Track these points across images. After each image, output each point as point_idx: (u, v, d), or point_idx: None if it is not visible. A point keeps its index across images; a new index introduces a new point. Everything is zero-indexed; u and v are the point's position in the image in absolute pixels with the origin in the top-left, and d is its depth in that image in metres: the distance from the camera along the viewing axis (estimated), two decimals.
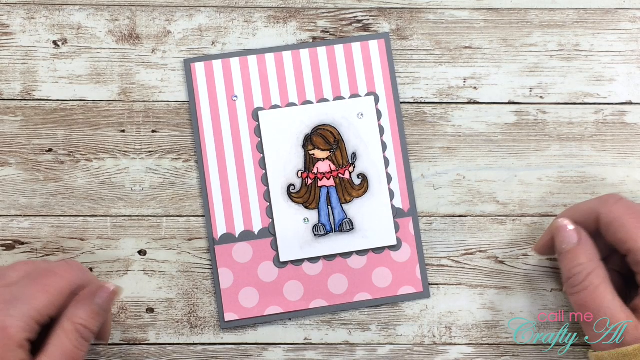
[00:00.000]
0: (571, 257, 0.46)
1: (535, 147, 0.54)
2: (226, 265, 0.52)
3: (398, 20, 0.55)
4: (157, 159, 0.54)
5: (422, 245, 0.53)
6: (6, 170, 0.53)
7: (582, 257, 0.46)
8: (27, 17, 0.54)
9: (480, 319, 0.53)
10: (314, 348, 0.52)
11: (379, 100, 0.54)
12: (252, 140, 0.53)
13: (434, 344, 0.53)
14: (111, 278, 0.52)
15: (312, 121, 0.53)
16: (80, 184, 0.53)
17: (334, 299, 0.52)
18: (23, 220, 0.53)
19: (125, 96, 0.54)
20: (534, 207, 0.54)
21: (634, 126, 0.54)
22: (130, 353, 0.52)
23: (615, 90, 0.55)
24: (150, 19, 0.55)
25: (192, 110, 0.54)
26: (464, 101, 0.54)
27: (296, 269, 0.52)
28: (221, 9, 0.55)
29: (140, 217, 0.53)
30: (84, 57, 0.54)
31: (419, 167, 0.54)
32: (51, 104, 0.54)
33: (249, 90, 0.54)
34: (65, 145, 0.54)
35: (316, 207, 0.53)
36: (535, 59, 0.55)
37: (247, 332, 0.53)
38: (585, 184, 0.54)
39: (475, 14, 0.55)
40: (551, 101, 0.55)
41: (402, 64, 0.55)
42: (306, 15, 0.55)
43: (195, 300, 0.52)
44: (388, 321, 0.53)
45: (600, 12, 0.55)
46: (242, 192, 0.53)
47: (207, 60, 0.54)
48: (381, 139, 0.54)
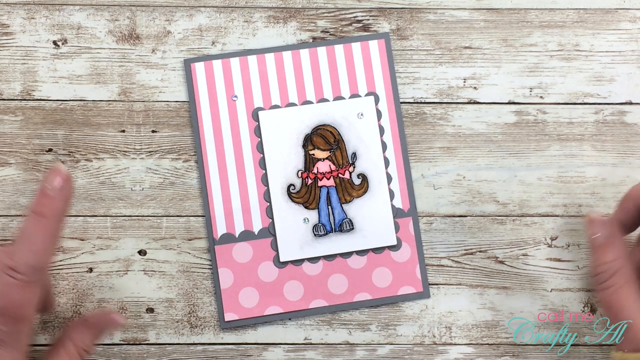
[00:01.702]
0: (599, 254, 0.46)
1: (535, 147, 0.54)
2: (226, 265, 0.52)
3: (398, 20, 0.55)
4: (157, 159, 0.54)
5: (422, 245, 0.53)
6: (6, 170, 0.53)
7: (609, 255, 0.45)
8: (27, 17, 0.54)
9: (480, 319, 0.53)
10: (314, 348, 0.52)
11: (379, 100, 0.54)
12: (252, 140, 0.53)
13: (434, 344, 0.53)
14: (111, 278, 0.52)
15: (312, 121, 0.53)
16: (80, 184, 0.53)
17: (334, 299, 0.52)
18: (23, 220, 0.53)
19: (125, 96, 0.54)
20: (534, 207, 0.54)
21: (634, 126, 0.54)
22: (130, 353, 0.52)
23: (615, 90, 0.55)
24: (150, 19, 0.55)
25: (192, 110, 0.54)
26: (464, 101, 0.54)
27: (296, 269, 0.52)
28: (221, 9, 0.55)
29: (140, 217, 0.53)
30: (84, 57, 0.54)
31: (419, 167, 0.54)
32: (51, 104, 0.54)
33: (249, 90, 0.54)
34: (65, 145, 0.54)
35: (316, 207, 0.53)
36: (535, 59, 0.55)
37: (247, 332, 0.53)
38: (585, 184, 0.54)
39: (475, 14, 0.55)
40: (551, 101, 0.55)
41: (402, 64, 0.55)
42: (306, 15, 0.55)
43: (195, 300, 0.52)
44: (388, 321, 0.53)
45: (600, 12, 0.55)
46: (242, 192, 0.53)
47: (207, 60, 0.54)
48: (381, 139, 0.54)
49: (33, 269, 0.39)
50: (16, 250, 0.39)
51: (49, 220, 0.39)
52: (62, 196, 0.40)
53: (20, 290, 0.39)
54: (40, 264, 0.39)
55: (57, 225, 0.40)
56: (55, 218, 0.39)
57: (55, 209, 0.39)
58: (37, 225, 0.39)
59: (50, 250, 0.40)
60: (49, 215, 0.39)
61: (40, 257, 0.39)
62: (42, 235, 0.39)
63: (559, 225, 0.54)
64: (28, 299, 0.39)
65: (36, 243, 0.39)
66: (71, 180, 0.40)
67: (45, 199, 0.39)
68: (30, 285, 0.39)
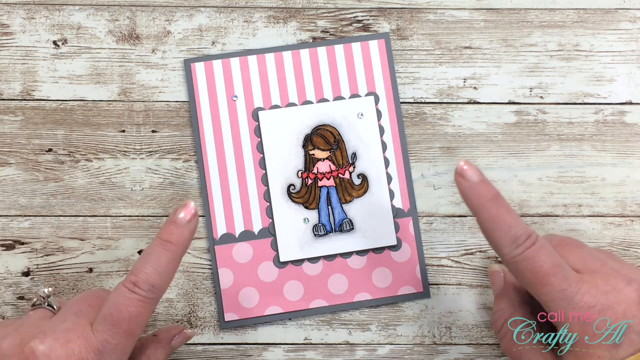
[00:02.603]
0: (495, 302, 0.47)
1: (535, 147, 0.54)
2: (226, 265, 0.52)
3: (398, 20, 0.55)
4: (157, 159, 0.54)
5: (422, 245, 0.53)
6: (6, 170, 0.53)
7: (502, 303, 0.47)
8: (27, 17, 0.54)
9: (480, 319, 0.53)
10: (314, 348, 0.52)
11: (379, 100, 0.54)
12: (252, 140, 0.53)
13: (434, 344, 0.53)
14: (111, 278, 0.52)
15: (312, 121, 0.53)
16: (80, 184, 0.53)
17: (334, 299, 0.52)
18: (23, 220, 0.53)
19: (125, 96, 0.54)
20: (534, 207, 0.54)
21: (634, 126, 0.54)
22: None
23: (615, 90, 0.55)
24: (150, 19, 0.55)
25: (192, 110, 0.54)
26: (464, 101, 0.54)
27: (296, 269, 0.52)
28: (221, 9, 0.55)
29: (140, 217, 0.53)
30: (84, 57, 0.54)
31: (419, 167, 0.54)
32: (51, 104, 0.54)
33: (249, 90, 0.54)
34: (65, 145, 0.54)
35: (316, 207, 0.53)
36: (535, 59, 0.55)
37: (247, 332, 0.53)
38: (585, 184, 0.54)
39: (475, 14, 0.55)
40: (551, 101, 0.55)
41: (402, 64, 0.55)
42: (306, 15, 0.55)
43: (195, 300, 0.53)
44: (388, 321, 0.53)
45: (600, 12, 0.55)
46: (242, 192, 0.53)
47: (207, 60, 0.54)
48: (381, 139, 0.54)
49: (154, 288, 0.41)
50: (141, 268, 0.41)
51: (175, 247, 0.42)
52: (189, 228, 0.42)
53: (137, 305, 0.41)
54: (161, 285, 0.42)
55: (181, 253, 0.42)
56: (181, 246, 0.42)
57: (181, 238, 0.42)
58: (163, 250, 0.42)
59: (171, 275, 0.42)
60: (176, 243, 0.42)
61: (162, 279, 0.42)
62: (166, 259, 0.42)
63: (559, 225, 0.54)
64: (142, 315, 0.41)
65: (161, 265, 0.41)
66: (197, 217, 0.43)
67: (174, 227, 0.42)
68: (148, 302, 0.41)
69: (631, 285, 0.42)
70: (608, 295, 0.42)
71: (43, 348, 0.40)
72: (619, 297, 0.42)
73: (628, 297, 0.42)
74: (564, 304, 0.42)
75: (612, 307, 0.41)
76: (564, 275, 0.42)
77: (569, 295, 0.41)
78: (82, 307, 0.43)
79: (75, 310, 0.43)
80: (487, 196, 0.42)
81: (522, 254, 0.42)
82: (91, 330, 0.41)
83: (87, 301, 0.44)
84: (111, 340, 0.41)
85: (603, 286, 0.42)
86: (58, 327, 0.41)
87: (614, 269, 0.43)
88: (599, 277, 0.42)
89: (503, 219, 0.42)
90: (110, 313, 0.41)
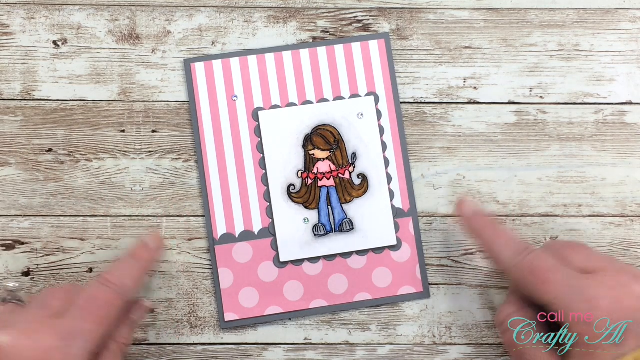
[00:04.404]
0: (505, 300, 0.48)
1: (535, 147, 0.54)
2: (226, 265, 0.52)
3: (398, 20, 0.55)
4: (157, 159, 0.54)
5: (422, 245, 0.53)
6: (6, 170, 0.53)
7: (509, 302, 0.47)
8: (27, 17, 0.54)
9: (480, 319, 0.53)
10: (314, 348, 0.52)
11: (379, 100, 0.54)
12: (252, 140, 0.53)
13: (434, 344, 0.53)
14: None
15: (312, 121, 0.53)
16: (80, 184, 0.53)
17: (334, 299, 0.52)
18: (23, 220, 0.53)
19: (125, 96, 0.54)
20: (534, 207, 0.54)
21: (634, 126, 0.54)
22: (130, 353, 0.52)
23: (615, 90, 0.55)
24: (150, 19, 0.55)
25: (192, 110, 0.54)
26: (464, 101, 0.54)
27: (296, 269, 0.52)
28: (221, 9, 0.55)
29: (140, 217, 0.53)
30: (84, 57, 0.54)
31: (419, 167, 0.54)
32: (51, 104, 0.54)
33: (249, 90, 0.54)
34: (65, 145, 0.54)
35: (316, 207, 0.53)
36: (535, 59, 0.55)
37: (247, 332, 0.53)
38: (585, 184, 0.54)
39: (475, 14, 0.55)
40: (551, 101, 0.55)
41: (402, 64, 0.55)
42: (306, 15, 0.55)
43: (195, 300, 0.53)
44: (388, 321, 0.53)
45: (600, 12, 0.55)
46: (242, 192, 0.53)
47: (207, 60, 0.54)
48: (381, 139, 0.54)
49: (124, 287, 0.46)
50: (113, 270, 0.47)
51: (143, 262, 0.48)
52: (156, 251, 0.50)
53: (108, 294, 0.45)
54: (130, 286, 0.47)
55: (147, 268, 0.49)
56: (147, 263, 0.49)
57: (149, 256, 0.49)
58: (133, 262, 0.48)
59: (138, 283, 0.48)
60: (143, 260, 0.49)
61: (131, 283, 0.47)
62: (136, 269, 0.48)
63: (559, 225, 0.54)
64: (112, 305, 0.45)
65: (131, 270, 0.47)
66: (163, 247, 0.52)
67: (144, 248, 0.49)
68: (117, 295, 0.45)
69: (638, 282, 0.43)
70: (616, 290, 0.42)
71: (9, 340, 0.42)
72: (626, 291, 0.42)
73: (636, 291, 0.42)
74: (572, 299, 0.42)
75: (620, 300, 0.42)
76: (567, 273, 0.43)
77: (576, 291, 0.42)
78: (49, 300, 0.45)
79: (42, 303, 0.45)
80: (487, 220, 0.48)
81: (523, 260, 0.45)
82: (59, 319, 0.43)
83: (55, 294, 0.45)
84: (82, 326, 0.43)
85: (610, 281, 0.43)
86: (24, 318, 0.43)
87: (620, 266, 0.44)
88: (606, 274, 0.43)
89: (503, 233, 0.47)
90: (84, 301, 0.44)
